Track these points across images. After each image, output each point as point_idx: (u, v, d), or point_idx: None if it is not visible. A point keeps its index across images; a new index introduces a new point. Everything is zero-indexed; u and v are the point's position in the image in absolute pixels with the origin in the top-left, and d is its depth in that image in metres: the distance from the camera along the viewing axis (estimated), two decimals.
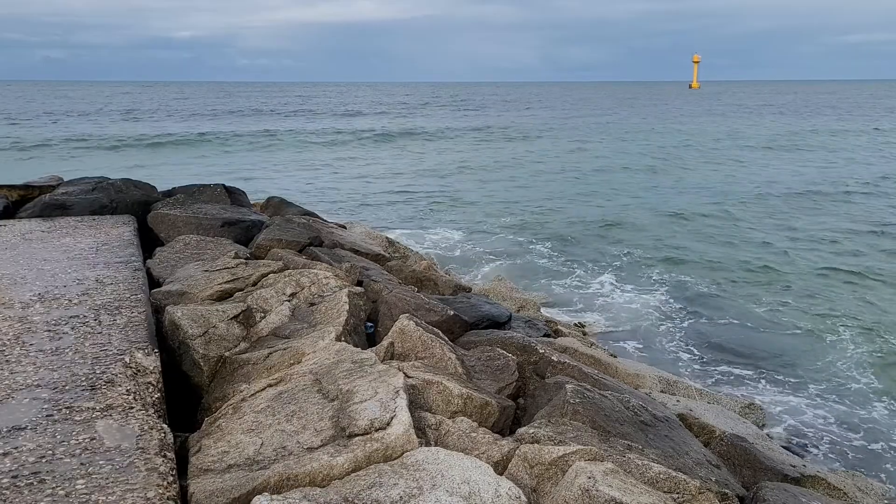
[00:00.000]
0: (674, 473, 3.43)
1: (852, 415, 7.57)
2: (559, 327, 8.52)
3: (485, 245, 13.93)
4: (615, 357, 7.99)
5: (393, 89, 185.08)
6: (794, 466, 5.18)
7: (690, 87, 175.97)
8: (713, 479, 4.08)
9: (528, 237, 14.93)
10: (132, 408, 3.43)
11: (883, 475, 6.33)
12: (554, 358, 5.46)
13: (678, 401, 6.65)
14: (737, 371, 8.50)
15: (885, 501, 5.63)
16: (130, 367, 3.85)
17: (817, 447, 6.81)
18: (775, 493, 3.97)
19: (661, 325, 9.94)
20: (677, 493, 3.33)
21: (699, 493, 3.34)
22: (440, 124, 49.07)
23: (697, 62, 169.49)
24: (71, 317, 4.60)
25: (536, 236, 14.98)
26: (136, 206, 8.43)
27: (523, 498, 2.91)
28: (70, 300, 4.93)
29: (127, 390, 3.59)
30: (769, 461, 4.98)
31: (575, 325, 9.57)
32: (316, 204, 16.36)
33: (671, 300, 10.99)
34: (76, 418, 3.29)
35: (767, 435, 6.48)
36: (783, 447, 6.27)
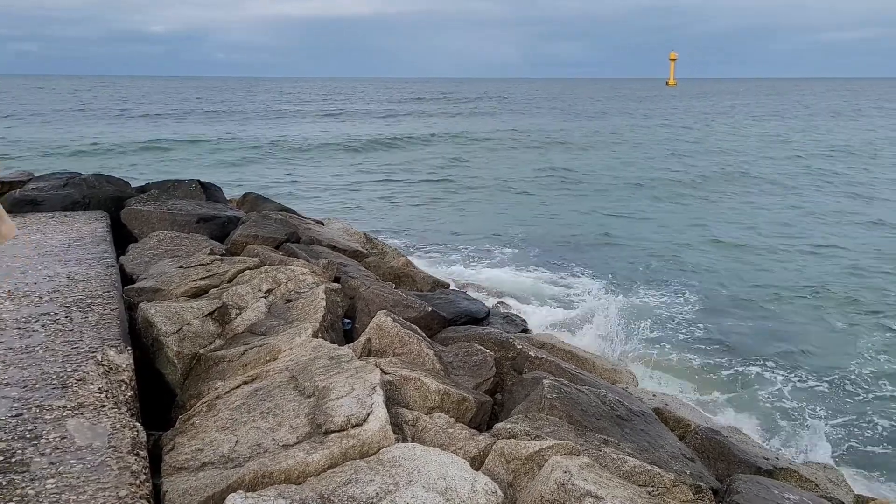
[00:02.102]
0: (649, 467, 3.46)
1: (836, 400, 7.74)
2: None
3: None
4: (592, 352, 8.03)
5: (376, 85, 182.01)
6: (766, 459, 5.24)
7: (667, 84, 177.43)
8: (687, 472, 4.12)
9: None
10: (104, 406, 3.38)
11: (864, 465, 6.45)
12: (531, 353, 5.47)
13: (654, 395, 6.70)
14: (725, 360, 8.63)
15: (855, 493, 5.72)
16: (102, 365, 3.80)
17: (794, 437, 6.92)
18: (748, 486, 4.02)
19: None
20: (652, 486, 3.35)
21: (673, 486, 3.36)
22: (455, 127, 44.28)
23: (674, 59, 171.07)
24: (41, 314, 4.53)
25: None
26: (109, 201, 8.32)
27: (499, 493, 2.91)
28: (41, 297, 4.86)
29: (99, 388, 3.54)
30: (743, 454, 5.03)
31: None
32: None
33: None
34: (46, 417, 3.24)
35: (740, 429, 6.56)
36: (757, 440, 6.35)
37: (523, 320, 7.87)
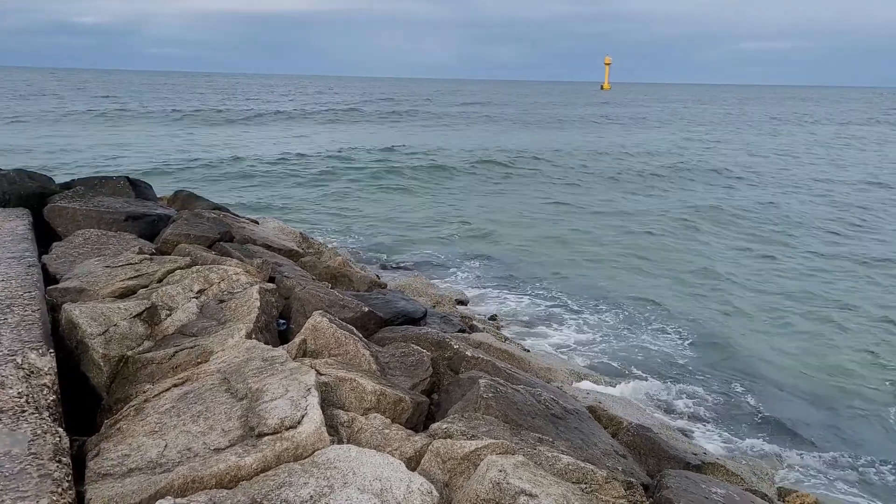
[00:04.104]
0: (582, 464, 3.52)
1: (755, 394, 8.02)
2: (474, 322, 8.60)
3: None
4: (528, 351, 8.13)
5: (312, 83, 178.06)
6: (695, 454, 5.41)
7: (602, 88, 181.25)
8: (620, 468, 4.21)
9: None
10: (24, 411, 3.24)
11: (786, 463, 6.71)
12: (468, 353, 5.50)
13: (588, 393, 6.84)
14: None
15: (778, 486, 5.96)
16: (23, 369, 3.63)
17: (722, 431, 7.16)
18: (677, 480, 4.14)
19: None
20: (585, 483, 3.42)
21: (606, 483, 3.43)
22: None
23: (609, 64, 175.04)
24: None
25: None
26: (32, 198, 7.96)
27: (435, 493, 2.92)
28: None
29: (19, 393, 3.39)
30: (672, 450, 5.18)
31: (490, 318, 9.70)
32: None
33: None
34: None
35: (670, 425, 6.75)
36: (685, 435, 6.55)
37: (460, 320, 7.91)
